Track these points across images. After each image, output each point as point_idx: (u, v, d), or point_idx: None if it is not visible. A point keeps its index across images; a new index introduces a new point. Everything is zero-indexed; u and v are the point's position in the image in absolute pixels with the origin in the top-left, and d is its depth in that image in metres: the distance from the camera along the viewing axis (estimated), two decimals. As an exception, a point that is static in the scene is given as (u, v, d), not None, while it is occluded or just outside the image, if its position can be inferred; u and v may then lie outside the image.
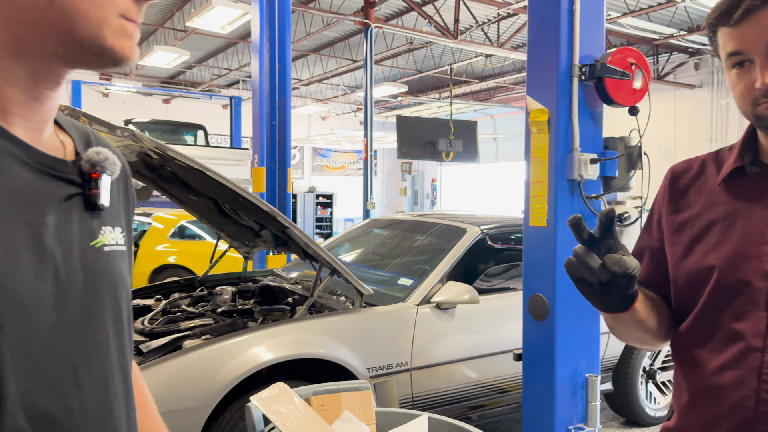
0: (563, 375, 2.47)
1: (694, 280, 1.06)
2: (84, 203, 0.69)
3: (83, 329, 0.65)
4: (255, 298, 3.52)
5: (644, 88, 2.47)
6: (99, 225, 0.71)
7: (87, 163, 0.69)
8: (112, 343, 0.70)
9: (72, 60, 0.64)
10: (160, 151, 2.53)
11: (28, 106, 0.65)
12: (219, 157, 10.55)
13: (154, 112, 15.01)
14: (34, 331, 0.59)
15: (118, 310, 0.71)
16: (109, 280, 0.70)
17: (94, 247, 0.69)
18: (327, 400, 1.58)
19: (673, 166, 1.19)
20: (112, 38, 0.63)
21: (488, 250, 3.54)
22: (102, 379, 0.67)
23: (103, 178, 0.70)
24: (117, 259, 0.73)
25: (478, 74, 14.33)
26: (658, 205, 1.18)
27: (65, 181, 0.67)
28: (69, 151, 0.72)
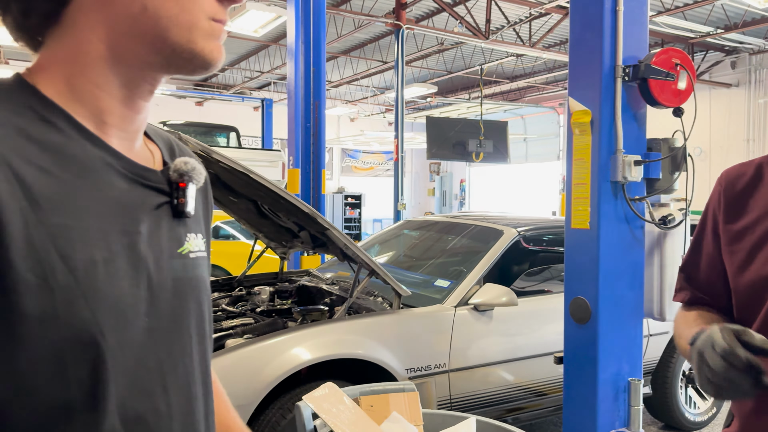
0: (606, 379, 2.45)
1: (756, 289, 1.04)
2: (172, 211, 0.71)
3: (171, 334, 0.67)
4: (292, 298, 3.56)
5: (689, 89, 2.44)
6: (185, 232, 0.73)
7: (175, 172, 0.71)
8: (195, 347, 0.71)
9: (164, 66, 0.66)
10: (204, 154, 2.58)
11: (124, 117, 0.67)
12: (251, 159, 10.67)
13: (188, 114, 15.25)
14: (129, 336, 0.61)
15: (201, 314, 0.73)
16: (194, 286, 0.72)
17: (181, 253, 0.71)
18: (375, 401, 1.60)
19: (727, 171, 1.16)
20: (202, 42, 0.65)
21: (525, 252, 3.52)
22: (186, 383, 0.69)
23: (189, 187, 0.72)
24: (201, 265, 0.74)
25: (509, 74, 14.23)
26: (713, 212, 1.16)
27: (155, 190, 0.69)
28: (157, 160, 0.74)
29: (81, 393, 0.57)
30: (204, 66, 0.67)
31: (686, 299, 1.21)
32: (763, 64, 11.52)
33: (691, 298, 1.20)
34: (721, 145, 12.04)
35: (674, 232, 2.51)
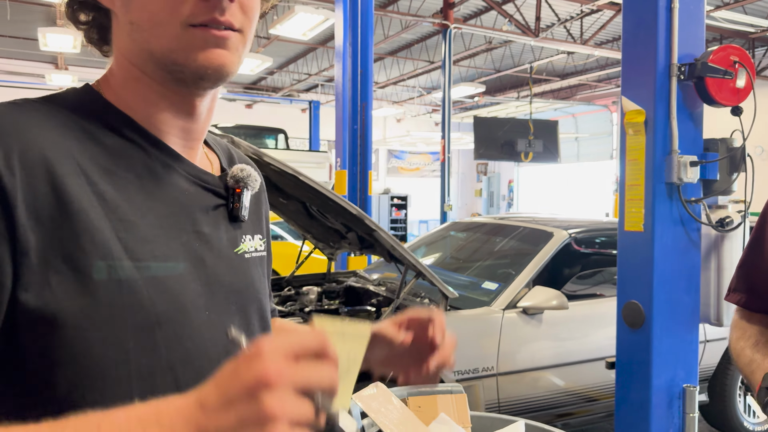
0: (659, 385, 2.38)
1: None
2: (228, 214, 0.75)
3: (224, 328, 0.70)
4: (340, 299, 3.60)
5: (748, 87, 2.35)
6: (241, 234, 0.76)
7: (232, 178, 0.75)
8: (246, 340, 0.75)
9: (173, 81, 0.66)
10: (256, 157, 2.64)
11: (176, 127, 0.70)
12: (299, 160, 10.82)
13: (238, 116, 15.59)
14: (189, 328, 0.65)
15: (253, 310, 0.77)
16: (248, 285, 0.76)
17: (237, 254, 0.75)
18: (423, 402, 1.60)
19: None
20: (183, 52, 0.63)
21: (576, 254, 3.46)
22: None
23: (245, 193, 0.75)
24: (255, 265, 0.78)
25: (560, 72, 13.98)
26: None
27: (213, 193, 0.73)
28: (216, 166, 0.78)
29: (139, 382, 0.60)
30: (198, 76, 0.65)
31: (742, 302, 1.16)
32: (831, 58, 10.96)
33: (748, 303, 1.15)
34: (784, 143, 11.50)
35: (732, 235, 2.42)
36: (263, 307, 0.80)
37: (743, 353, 1.08)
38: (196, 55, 0.63)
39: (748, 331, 1.11)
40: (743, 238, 2.46)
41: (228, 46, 0.65)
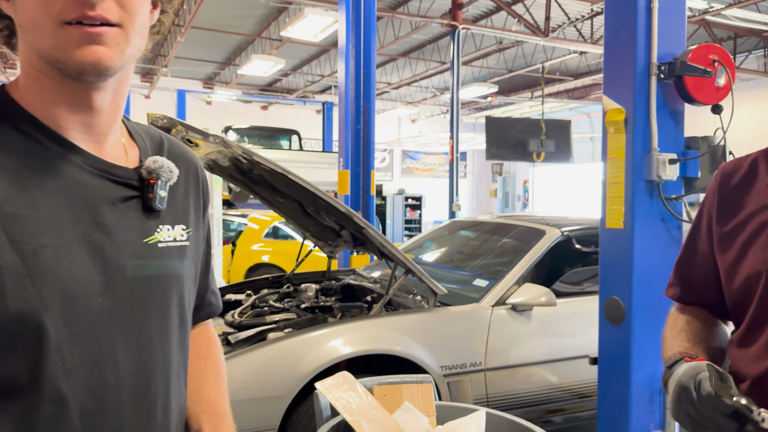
0: (640, 380, 2.41)
1: (745, 286, 1.03)
2: (142, 205, 0.79)
3: (126, 314, 0.75)
4: (337, 296, 3.67)
5: (728, 86, 2.37)
6: (156, 224, 0.80)
7: (145, 170, 0.79)
8: (155, 328, 0.78)
9: (66, 76, 0.70)
10: (247, 156, 2.72)
11: (76, 122, 0.74)
12: (311, 161, 10.94)
13: (253, 118, 15.77)
14: (79, 313, 0.70)
15: (166, 299, 0.80)
16: (160, 273, 0.79)
17: (148, 243, 0.79)
18: (389, 391, 1.66)
19: (723, 165, 1.15)
20: (61, 49, 0.67)
21: (568, 252, 3.49)
22: (140, 359, 0.76)
23: (159, 184, 0.79)
24: (172, 254, 0.82)
25: (573, 71, 13.92)
26: (708, 207, 1.14)
27: (123, 185, 0.77)
28: (132, 158, 0.82)
29: (26, 359, 0.66)
30: (77, 72, 0.69)
31: (677, 296, 1.20)
32: None
33: (682, 296, 1.19)
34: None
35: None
36: (183, 296, 0.83)
37: (666, 342, 1.12)
38: (72, 52, 0.67)
39: (676, 321, 1.14)
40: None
41: (104, 41, 0.68)
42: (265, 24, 10.84)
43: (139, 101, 14.75)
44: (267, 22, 10.73)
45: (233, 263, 7.32)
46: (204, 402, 0.92)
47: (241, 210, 9.25)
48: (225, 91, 15.00)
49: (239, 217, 8.45)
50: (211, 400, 0.93)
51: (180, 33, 9.77)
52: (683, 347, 1.04)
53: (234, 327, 3.05)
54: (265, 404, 2.56)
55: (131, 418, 0.75)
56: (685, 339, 1.08)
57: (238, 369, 2.56)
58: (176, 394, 0.83)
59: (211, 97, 15.37)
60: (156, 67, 13.14)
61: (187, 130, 2.77)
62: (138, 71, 14.24)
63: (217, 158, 3.15)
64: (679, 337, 1.09)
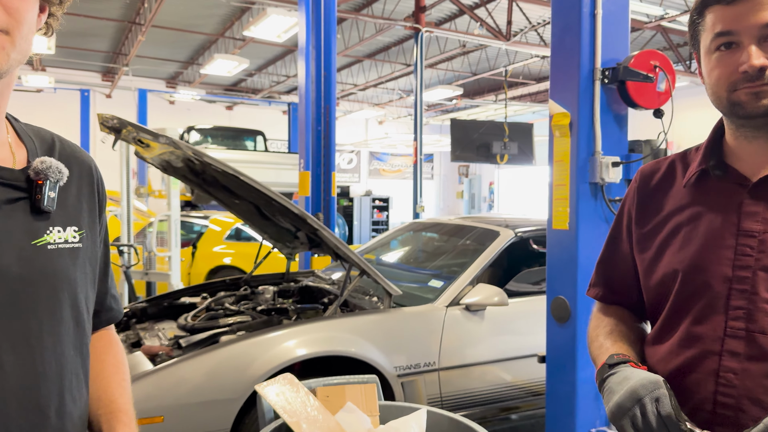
0: (585, 377, 2.47)
1: (662, 285, 1.06)
2: (30, 207, 0.77)
3: (11, 317, 0.73)
4: (294, 298, 3.66)
5: (668, 91, 2.45)
6: (45, 226, 0.79)
7: (32, 171, 0.78)
8: (45, 330, 0.77)
9: None
10: (197, 157, 2.69)
11: None
12: (276, 162, 10.85)
13: (218, 118, 15.59)
14: None
15: (56, 301, 0.79)
16: (48, 275, 0.78)
17: (36, 245, 0.77)
18: (332, 392, 1.67)
19: (642, 167, 1.17)
20: None
21: (521, 253, 3.55)
22: (29, 361, 0.75)
23: (47, 184, 0.78)
24: (62, 256, 0.80)
25: (535, 75, 14.14)
26: (628, 209, 1.16)
27: (8, 187, 0.76)
28: (20, 159, 0.80)
29: None
30: None
31: (599, 296, 1.23)
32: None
33: (604, 296, 1.21)
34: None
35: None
36: (77, 298, 0.82)
37: (596, 340, 1.14)
38: None
39: (603, 321, 1.17)
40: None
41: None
42: (228, 23, 10.74)
43: (101, 100, 14.46)
44: (230, 22, 10.64)
45: (194, 266, 7.23)
46: (103, 403, 0.91)
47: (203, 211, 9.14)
48: (188, 91, 14.81)
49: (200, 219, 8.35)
50: (110, 399, 0.92)
51: (141, 32, 9.61)
52: (622, 349, 1.06)
53: (186, 330, 3.02)
54: (216, 407, 2.54)
55: (18, 420, 0.73)
56: (618, 340, 1.09)
57: (189, 372, 2.53)
58: (73, 397, 0.82)
59: (174, 97, 15.15)
60: (117, 66, 12.89)
61: (137, 130, 2.73)
62: (99, 70, 13.95)
63: (170, 159, 3.11)
64: (611, 337, 1.10)
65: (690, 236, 1.03)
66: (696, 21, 1.02)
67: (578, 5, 2.42)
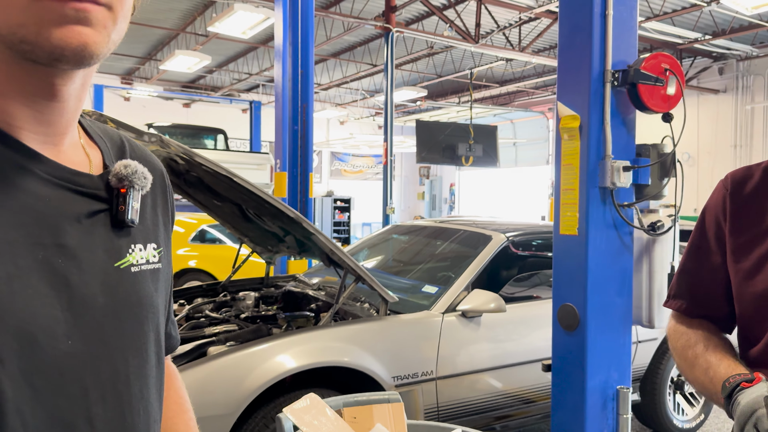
0: (594, 386, 2.42)
1: (764, 299, 0.99)
2: (111, 220, 0.64)
3: (100, 358, 0.60)
4: (278, 304, 3.50)
5: (678, 95, 2.42)
6: (128, 243, 0.66)
7: (114, 177, 0.64)
8: (132, 372, 0.64)
9: (29, 58, 0.55)
10: (187, 157, 2.52)
11: (30, 118, 0.58)
12: (239, 162, 10.58)
13: (175, 116, 15.14)
14: (42, 362, 0.55)
15: (142, 335, 0.66)
16: (133, 305, 0.65)
17: (119, 268, 0.64)
18: (359, 413, 1.55)
19: (732, 173, 1.10)
20: (36, 28, 0.53)
21: (514, 257, 3.49)
22: (119, 413, 0.62)
23: (131, 193, 0.65)
24: (146, 280, 0.67)
25: (499, 78, 14.26)
26: (716, 217, 1.10)
27: (88, 197, 0.62)
28: (96, 164, 0.67)
29: None
30: (55, 57, 0.54)
31: (682, 308, 1.15)
32: (750, 71, 11.61)
33: (688, 308, 1.14)
34: (708, 150, 12.11)
35: (663, 238, 2.48)
36: (159, 331, 0.70)
37: (695, 359, 1.06)
38: (49, 32, 0.53)
39: (693, 338, 1.09)
40: (674, 241, 2.53)
41: (91, 21, 0.54)
42: (189, 18, 10.42)
43: (50, 95, 13.82)
44: (192, 17, 10.32)
45: (157, 269, 6.93)
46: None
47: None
48: (144, 87, 14.32)
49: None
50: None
51: (98, 24, 9.19)
52: (733, 368, 0.98)
53: (170, 340, 2.83)
54: (207, 424, 2.37)
55: None
56: (723, 355, 1.02)
57: (177, 387, 2.36)
58: None
59: (129, 93, 14.62)
60: (69, 60, 12.33)
61: (118, 127, 2.54)
62: (49, 63, 13.31)
63: (149, 158, 2.92)
64: (716, 354, 1.03)
65: None
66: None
67: (589, 5, 2.36)
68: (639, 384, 3.68)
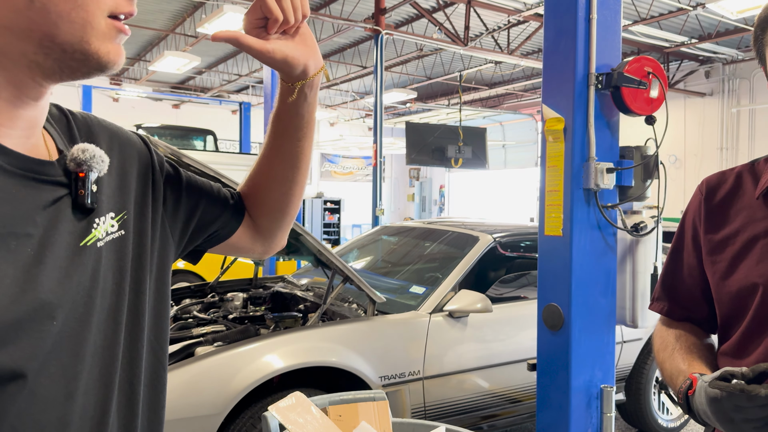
0: (578, 386, 2.45)
1: (739, 298, 1.03)
2: (71, 203, 0.66)
3: (80, 334, 0.63)
4: (266, 305, 3.51)
5: (661, 98, 2.45)
6: (90, 220, 0.67)
7: (72, 162, 0.66)
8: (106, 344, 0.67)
9: (55, 70, 0.61)
10: (174, 158, 2.53)
11: (11, 116, 0.62)
12: (228, 163, 10.55)
13: (164, 117, 15.08)
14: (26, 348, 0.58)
15: (115, 307, 0.69)
16: (102, 278, 0.67)
17: (87, 245, 0.66)
18: (344, 411, 1.57)
19: (707, 179, 1.15)
20: (97, 42, 0.60)
21: (501, 258, 3.52)
22: (102, 385, 0.65)
23: (89, 176, 0.66)
24: (112, 251, 0.69)
25: (488, 81, 14.32)
26: (693, 220, 1.15)
27: (52, 184, 0.64)
28: (52, 148, 0.68)
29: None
30: (100, 68, 0.62)
31: (664, 311, 1.19)
32: (736, 74, 11.74)
33: (670, 310, 1.19)
34: (695, 153, 12.23)
35: (646, 239, 2.52)
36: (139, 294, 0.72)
37: (664, 362, 1.10)
38: (108, 47, 0.62)
39: (666, 340, 1.13)
40: (656, 242, 2.56)
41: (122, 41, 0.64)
42: (179, 19, 10.39)
43: (38, 96, 13.72)
44: (182, 18, 10.29)
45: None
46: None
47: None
48: (134, 88, 14.25)
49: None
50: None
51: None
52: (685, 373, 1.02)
53: (157, 341, 2.83)
54: (194, 425, 2.38)
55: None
56: (685, 359, 1.06)
57: (164, 387, 2.36)
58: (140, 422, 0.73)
59: (118, 94, 14.54)
60: (57, 60, 12.25)
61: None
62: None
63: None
64: (682, 356, 1.07)
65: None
66: (759, 37, 1.02)
67: (574, 9, 2.39)
68: (624, 383, 3.72)
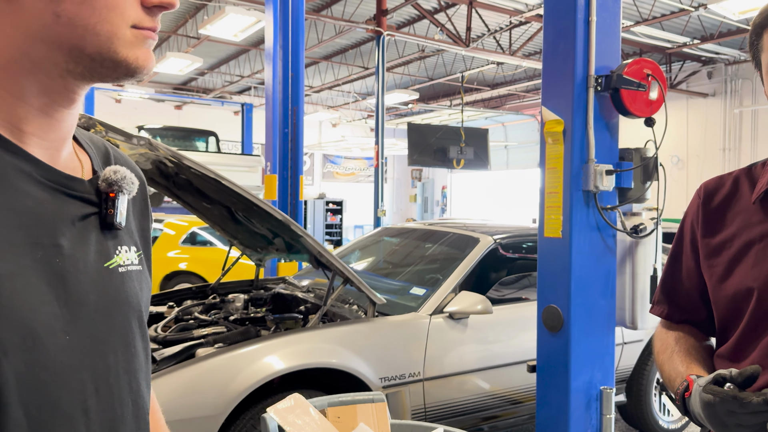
0: (578, 387, 2.45)
1: (735, 302, 1.04)
2: (100, 223, 0.68)
3: (93, 353, 0.64)
4: (267, 306, 3.52)
5: (660, 99, 2.46)
6: (115, 245, 0.70)
7: (104, 182, 0.68)
8: (122, 366, 0.68)
9: (86, 76, 0.63)
10: (175, 160, 2.54)
11: (43, 125, 0.63)
12: (230, 164, 10.59)
13: (166, 118, 15.12)
14: (44, 356, 0.58)
15: (130, 332, 0.70)
16: (121, 302, 0.69)
17: (108, 268, 0.68)
18: (342, 412, 1.57)
19: (705, 183, 1.16)
20: (125, 50, 0.62)
21: (501, 259, 3.52)
22: (109, 405, 0.66)
23: (119, 197, 0.69)
24: (131, 280, 0.71)
25: (490, 82, 14.32)
26: (691, 224, 1.16)
27: (81, 200, 0.66)
28: (87, 169, 0.71)
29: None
30: (130, 74, 0.64)
31: (664, 314, 1.21)
32: (739, 75, 11.73)
33: (669, 313, 1.20)
34: (697, 153, 12.22)
35: (646, 241, 2.52)
36: (145, 328, 0.73)
37: (663, 365, 1.12)
38: (137, 53, 0.63)
39: (666, 342, 1.15)
40: (656, 244, 2.57)
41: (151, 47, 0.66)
42: (181, 21, 10.42)
43: (41, 97, 13.75)
44: (184, 19, 10.32)
45: (148, 271, 6.92)
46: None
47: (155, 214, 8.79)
48: (136, 89, 14.28)
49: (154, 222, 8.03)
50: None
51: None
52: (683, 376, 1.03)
53: (158, 343, 2.85)
54: (195, 426, 2.39)
55: None
56: (682, 362, 1.08)
57: (165, 388, 2.37)
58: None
59: (121, 95, 14.59)
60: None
61: (107, 130, 2.56)
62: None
63: (138, 160, 2.93)
64: (680, 358, 1.09)
65: (765, 253, 1.02)
66: (755, 42, 1.03)
67: (573, 11, 2.40)
68: (625, 385, 3.72)
